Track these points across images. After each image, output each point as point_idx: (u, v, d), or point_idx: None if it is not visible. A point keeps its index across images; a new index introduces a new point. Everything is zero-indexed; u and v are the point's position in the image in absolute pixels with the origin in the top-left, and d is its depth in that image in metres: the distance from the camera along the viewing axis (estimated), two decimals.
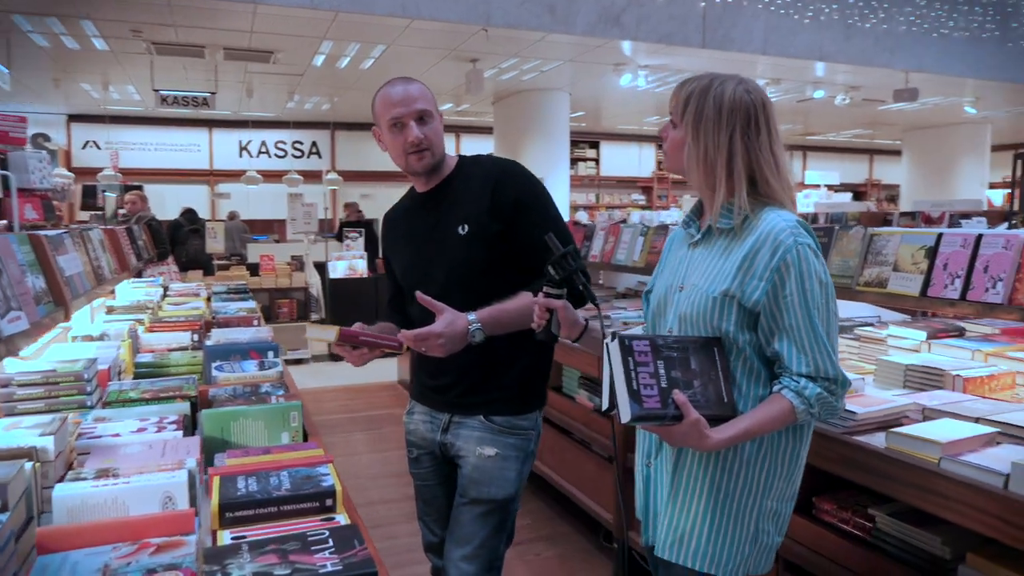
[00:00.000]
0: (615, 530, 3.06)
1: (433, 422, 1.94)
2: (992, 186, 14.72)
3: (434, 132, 1.80)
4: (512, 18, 6.71)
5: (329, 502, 1.23)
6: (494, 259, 1.81)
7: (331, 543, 1.06)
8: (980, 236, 2.13)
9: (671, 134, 1.50)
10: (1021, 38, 8.67)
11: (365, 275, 8.22)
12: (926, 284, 2.23)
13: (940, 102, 10.28)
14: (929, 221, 4.99)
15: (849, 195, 11.59)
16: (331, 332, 1.71)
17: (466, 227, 1.80)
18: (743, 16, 7.61)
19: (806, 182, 12.95)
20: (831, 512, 2.03)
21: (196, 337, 2.91)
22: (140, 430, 1.66)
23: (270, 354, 2.47)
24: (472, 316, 1.70)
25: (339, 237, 9.28)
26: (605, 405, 1.40)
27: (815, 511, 2.03)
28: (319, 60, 8.32)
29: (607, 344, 1.40)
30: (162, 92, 8.65)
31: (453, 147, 14.18)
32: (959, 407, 1.88)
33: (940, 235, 2.26)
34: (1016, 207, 2.91)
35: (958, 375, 2.10)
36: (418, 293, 1.67)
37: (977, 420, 1.77)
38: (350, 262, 8.34)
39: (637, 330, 1.69)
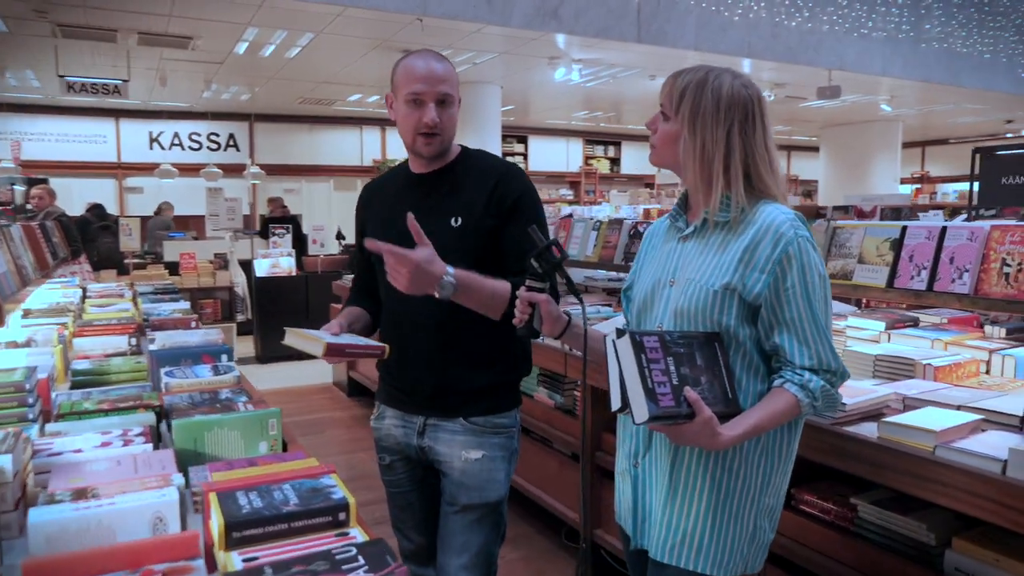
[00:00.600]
0: (581, 529, 3.06)
1: (407, 426, 1.88)
2: (903, 181, 15.58)
3: (450, 118, 1.75)
4: (449, 8, 6.63)
5: (342, 516, 1.16)
6: (482, 256, 1.76)
7: (362, 561, 0.99)
8: (945, 228, 2.22)
9: (662, 127, 1.48)
10: (934, 39, 9.17)
11: (293, 273, 7.99)
12: (892, 276, 2.31)
13: (858, 100, 10.76)
14: (862, 215, 5.20)
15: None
16: (317, 346, 1.61)
17: (459, 219, 1.75)
18: (676, 11, 7.76)
19: None
20: (812, 503, 2.07)
21: (135, 341, 2.75)
22: (104, 444, 1.54)
23: (223, 357, 2.35)
24: (450, 269, 1.62)
25: (263, 234, 8.99)
26: (616, 405, 1.36)
27: (795, 502, 2.07)
28: (242, 48, 8.01)
29: (613, 341, 1.37)
30: (69, 78, 8.16)
31: (378, 143, 13.95)
32: (937, 395, 1.95)
33: (904, 228, 2.34)
34: (975, 201, 3.09)
35: (928, 364, 2.18)
36: (409, 216, 1.57)
37: (959, 408, 1.84)
38: (277, 260, 8.09)
39: (616, 322, 1.68)
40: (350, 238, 10.98)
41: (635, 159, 16.72)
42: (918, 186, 17.32)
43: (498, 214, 1.76)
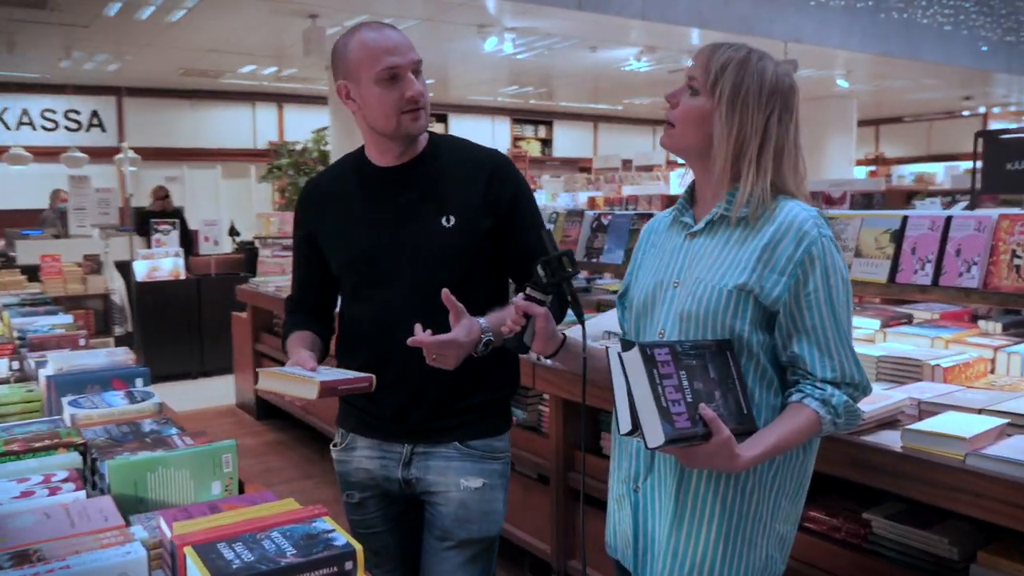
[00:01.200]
0: (553, 561, 3.08)
1: (387, 457, 1.84)
2: (857, 163, 16.29)
3: (425, 87, 1.73)
4: None
5: (349, 566, 1.14)
6: (481, 260, 1.76)
7: None
8: (950, 218, 2.34)
9: (689, 102, 1.48)
10: (893, 9, 9.63)
11: (181, 276, 7.74)
12: (894, 270, 2.42)
13: (813, 75, 11.20)
14: (830, 202, 5.42)
15: None
16: (307, 388, 1.57)
17: (452, 219, 1.74)
18: None
19: (680, 161, 13.70)
20: (820, 520, 2.15)
21: (16, 365, 2.62)
22: (26, 494, 1.46)
23: (139, 382, 2.26)
24: (483, 322, 1.64)
25: (142, 231, 8.66)
26: (625, 428, 1.37)
27: (801, 519, 2.14)
28: (114, 9, 7.69)
29: (620, 355, 1.37)
30: None
31: (274, 122, 13.65)
32: (953, 399, 2.05)
33: (905, 217, 2.45)
34: (978, 185, 3.26)
35: (937, 365, 2.29)
36: (445, 291, 1.58)
37: (980, 412, 1.94)
38: (161, 261, 7.81)
39: (601, 330, 1.69)
40: (246, 234, 10.71)
41: (569, 140, 16.94)
42: (872, 168, 18.17)
43: (496, 214, 1.75)
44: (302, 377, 1.62)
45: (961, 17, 10.22)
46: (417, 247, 1.75)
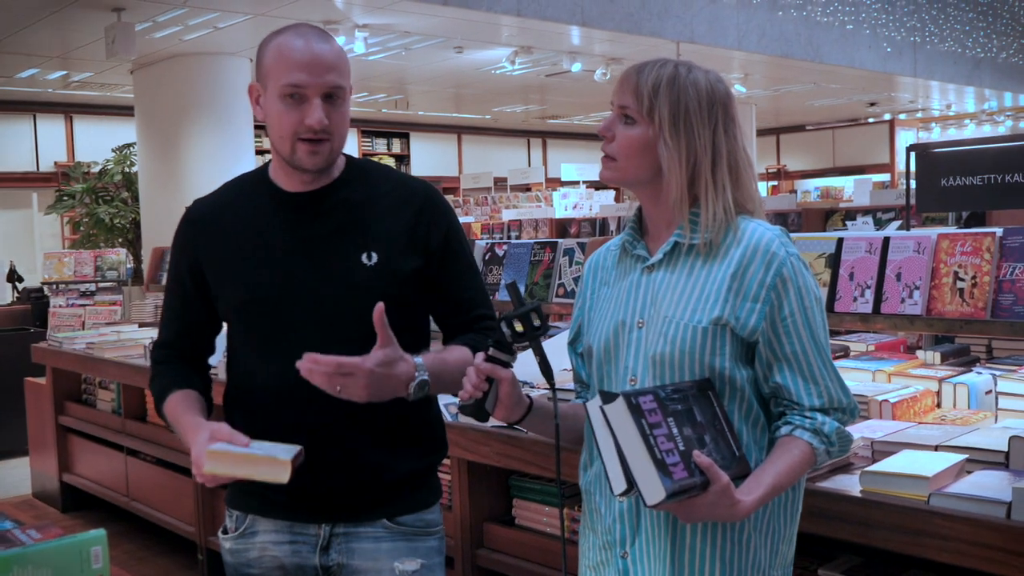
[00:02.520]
0: None
1: (298, 541, 1.85)
2: (759, 177, 17.20)
3: (342, 118, 1.76)
4: None
5: None
6: (405, 304, 1.80)
7: None
8: (887, 239, 2.58)
9: (626, 133, 1.61)
10: (791, 6, 10.34)
11: None
12: (832, 298, 2.64)
13: None
14: None
15: (612, 193, 12.82)
16: (276, 470, 1.60)
17: (374, 256, 1.78)
18: None
19: (563, 177, 14.05)
20: None
21: None
22: None
23: None
24: (419, 360, 1.68)
25: None
26: (620, 487, 1.46)
27: None
28: None
29: (602, 408, 1.47)
30: None
31: (62, 139, 13.14)
32: (907, 436, 2.26)
33: (841, 240, 2.69)
34: (912, 201, 3.57)
35: (885, 400, 2.51)
36: (379, 308, 1.61)
37: (936, 448, 2.15)
38: None
39: (563, 382, 1.79)
40: (30, 279, 10.24)
41: (429, 155, 17.10)
42: (774, 183, 19.25)
43: (425, 253, 1.82)
44: (264, 458, 1.63)
45: (863, 15, 11.09)
46: (331, 288, 1.78)
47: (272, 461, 1.61)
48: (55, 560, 1.56)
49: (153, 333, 5.36)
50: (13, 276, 9.59)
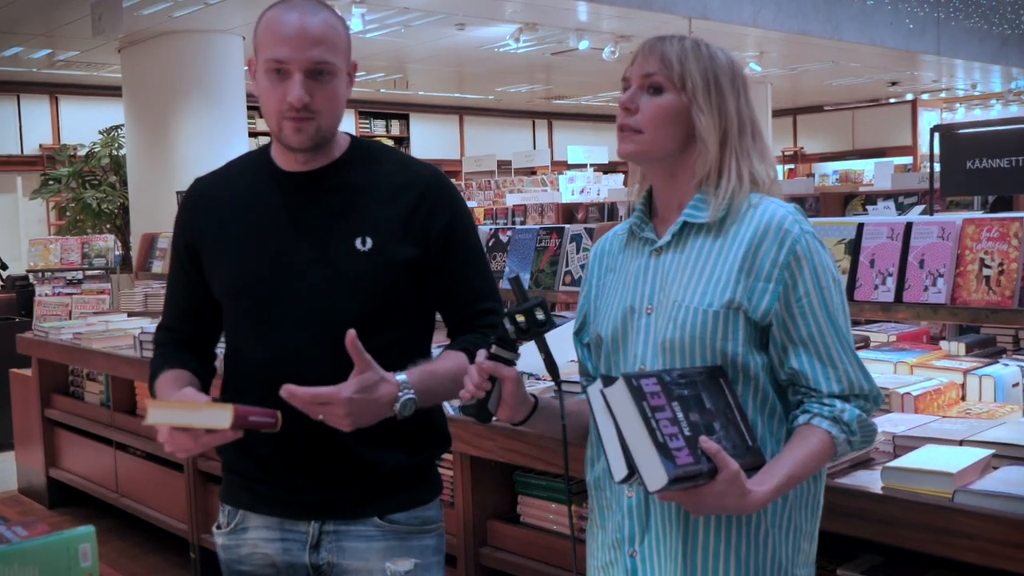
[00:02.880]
0: None
1: (288, 539, 1.86)
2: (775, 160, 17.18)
3: (331, 95, 1.75)
4: None
5: None
6: (401, 296, 1.81)
7: None
8: (910, 225, 2.58)
9: (655, 102, 1.61)
10: None
11: None
12: (852, 285, 2.63)
13: None
14: None
15: (620, 177, 12.78)
16: (219, 416, 1.58)
17: (369, 241, 1.78)
18: None
19: (570, 160, 14.02)
20: None
21: None
22: None
23: None
24: (402, 377, 1.67)
25: None
26: (620, 474, 1.46)
27: None
28: None
29: (602, 391, 1.47)
30: None
31: (47, 121, 13.15)
32: (929, 430, 2.26)
33: (861, 225, 2.68)
34: (936, 185, 3.57)
35: (907, 393, 2.51)
36: (351, 335, 1.60)
37: (961, 443, 2.15)
38: None
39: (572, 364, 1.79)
40: (15, 266, 10.26)
41: (430, 137, 17.10)
42: (791, 166, 19.22)
43: (424, 242, 1.81)
44: (208, 404, 1.64)
45: None
46: (323, 273, 1.78)
47: (214, 406, 1.61)
48: (42, 558, 1.56)
49: (143, 323, 5.38)
50: None
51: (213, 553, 2.01)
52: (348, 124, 15.95)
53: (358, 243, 1.78)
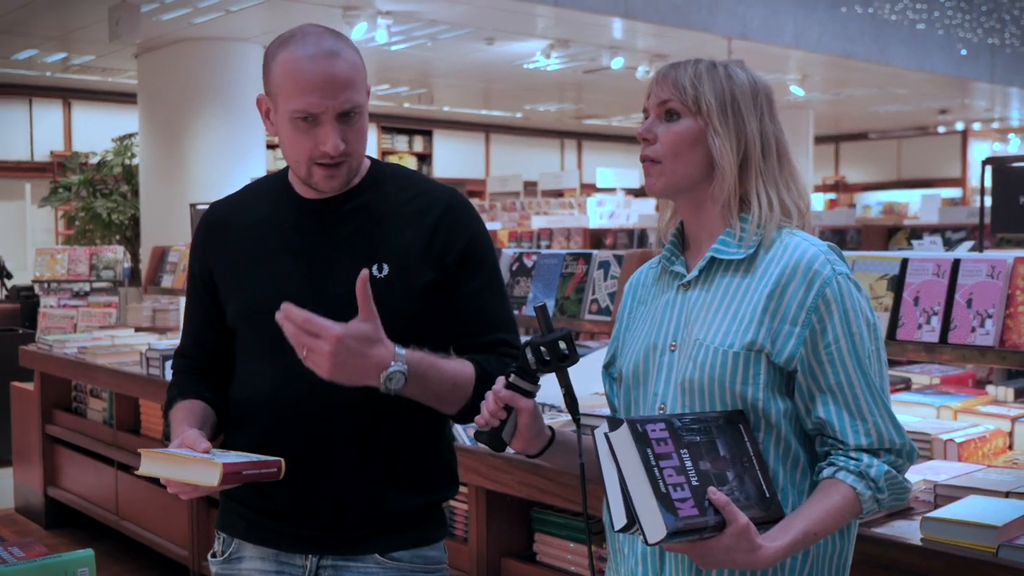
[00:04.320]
0: None
1: (284, 572, 1.87)
2: (814, 189, 17.18)
3: (360, 133, 1.77)
4: None
5: None
6: (418, 320, 1.81)
7: None
8: (958, 261, 2.56)
9: (671, 129, 1.62)
10: (856, 3, 10.31)
11: None
12: (894, 324, 2.62)
13: None
14: None
15: (652, 202, 12.76)
16: (207, 472, 1.60)
17: (385, 268, 1.80)
18: None
19: (599, 183, 14.04)
20: None
21: None
22: None
23: None
24: (401, 351, 1.66)
25: None
26: (620, 522, 1.45)
27: None
28: None
29: (606, 434, 1.46)
30: None
31: (59, 126, 13.31)
32: (973, 480, 2.23)
33: (905, 261, 2.67)
34: (988, 219, 3.55)
35: (950, 440, 2.49)
36: (362, 274, 1.60)
37: (1007, 495, 2.12)
38: None
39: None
40: (20, 276, 10.37)
41: (453, 155, 17.18)
42: (832, 196, 19.16)
43: (441, 266, 1.81)
44: (198, 459, 1.65)
45: (936, 14, 11.04)
46: (336, 300, 1.78)
47: (203, 463, 1.62)
48: None
49: (150, 339, 5.42)
50: (2, 272, 9.71)
51: None
52: (370, 140, 16.06)
53: (374, 270, 1.79)
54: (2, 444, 6.51)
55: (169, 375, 4.08)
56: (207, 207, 2.05)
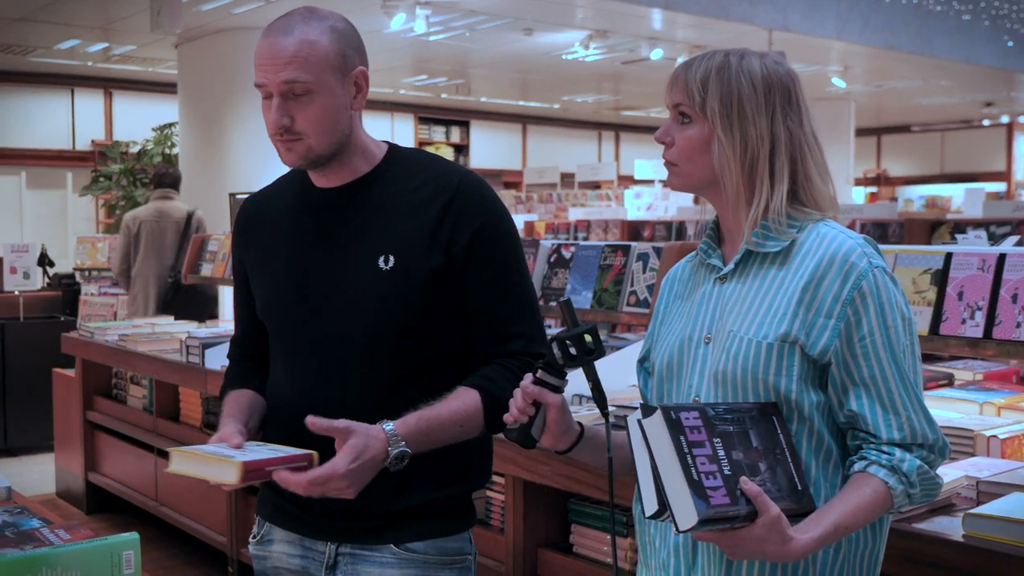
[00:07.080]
0: None
1: (307, 556, 1.90)
2: (856, 182, 17.01)
3: (314, 115, 1.74)
4: None
5: None
6: (428, 316, 1.81)
7: None
8: (1003, 256, 2.53)
9: (684, 134, 1.62)
10: None
11: None
12: (937, 319, 2.60)
13: (803, 71, 11.70)
14: None
15: (690, 195, 12.67)
16: (227, 470, 1.64)
17: (391, 259, 1.79)
18: None
19: (637, 175, 13.99)
20: None
21: None
22: None
23: None
24: (390, 428, 1.69)
25: None
26: (651, 508, 1.46)
27: None
28: None
29: (639, 421, 1.47)
30: None
31: (101, 115, 13.44)
32: (1017, 477, 2.21)
33: (949, 255, 2.64)
34: None
35: (993, 436, 2.47)
36: (309, 419, 1.64)
37: None
38: None
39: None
40: (61, 264, 10.49)
41: (491, 146, 17.19)
42: (873, 189, 18.98)
43: (448, 252, 1.79)
44: (220, 456, 1.68)
45: (982, 5, 10.89)
46: (342, 294, 1.80)
47: (224, 461, 1.66)
48: (85, 563, 1.61)
49: (190, 327, 5.48)
50: (44, 260, 9.82)
51: (251, 568, 2.07)
52: (406, 129, 16.13)
53: (381, 262, 1.79)
54: (44, 430, 6.62)
55: (208, 363, 4.20)
56: (243, 201, 2.08)
